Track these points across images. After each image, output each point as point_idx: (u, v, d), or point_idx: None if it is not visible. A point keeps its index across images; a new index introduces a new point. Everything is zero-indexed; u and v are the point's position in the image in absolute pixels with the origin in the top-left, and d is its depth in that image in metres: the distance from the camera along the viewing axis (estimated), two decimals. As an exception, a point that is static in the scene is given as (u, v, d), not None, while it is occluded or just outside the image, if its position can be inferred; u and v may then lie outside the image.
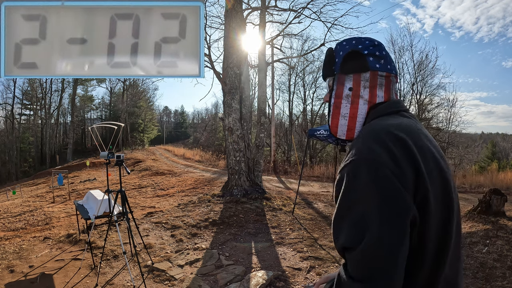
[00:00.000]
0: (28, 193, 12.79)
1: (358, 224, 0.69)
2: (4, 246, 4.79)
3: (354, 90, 0.92)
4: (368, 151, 0.73)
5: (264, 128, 8.95)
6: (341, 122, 0.94)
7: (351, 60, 0.92)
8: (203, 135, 40.67)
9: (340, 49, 0.97)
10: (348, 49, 0.94)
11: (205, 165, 18.16)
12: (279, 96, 29.96)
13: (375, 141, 0.75)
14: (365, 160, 0.72)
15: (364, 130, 0.83)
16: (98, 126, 13.17)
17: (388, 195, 0.68)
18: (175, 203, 7.46)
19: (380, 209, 0.68)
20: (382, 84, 0.91)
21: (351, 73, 0.93)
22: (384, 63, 0.92)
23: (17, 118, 34.90)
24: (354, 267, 0.69)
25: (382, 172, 0.69)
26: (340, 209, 0.74)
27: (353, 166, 0.74)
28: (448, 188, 0.77)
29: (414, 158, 0.73)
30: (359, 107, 0.92)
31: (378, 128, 0.80)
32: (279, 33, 10.79)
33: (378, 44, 0.94)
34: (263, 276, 3.56)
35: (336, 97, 0.95)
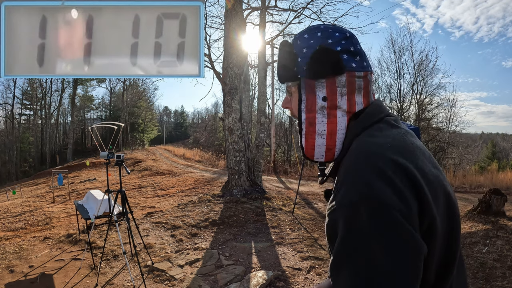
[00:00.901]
0: (28, 193, 12.79)
1: (364, 276, 0.58)
2: (4, 246, 4.79)
3: (329, 100, 0.73)
4: (369, 189, 0.59)
5: (264, 128, 8.95)
6: (318, 142, 0.75)
7: (320, 59, 0.72)
8: (203, 135, 40.68)
9: (302, 44, 0.76)
10: (315, 44, 0.74)
11: (205, 165, 18.17)
12: (279, 96, 29.93)
13: (373, 174, 0.61)
14: (367, 203, 0.58)
15: (353, 156, 0.67)
16: (98, 126, 13.18)
17: (399, 242, 0.57)
18: (175, 203, 7.46)
19: (389, 258, 0.57)
20: (361, 87, 0.74)
21: (322, 77, 0.73)
22: (360, 60, 0.75)
23: (17, 118, 34.92)
24: None
25: (390, 216, 0.57)
26: (338, 258, 0.62)
27: (352, 210, 0.60)
28: (451, 203, 0.69)
29: (418, 187, 0.61)
30: (338, 120, 0.74)
31: (371, 153, 0.65)
32: (279, 33, 10.80)
33: (350, 36, 0.76)
34: (263, 276, 3.56)
35: (307, 110, 0.75)
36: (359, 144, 0.69)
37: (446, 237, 0.66)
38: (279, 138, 27.60)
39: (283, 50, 0.79)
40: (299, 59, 0.75)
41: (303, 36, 0.77)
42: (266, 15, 9.73)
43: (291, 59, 0.77)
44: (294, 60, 0.76)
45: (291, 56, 0.77)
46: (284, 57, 0.78)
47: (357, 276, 0.58)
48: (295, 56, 0.76)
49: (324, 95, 0.74)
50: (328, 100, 0.74)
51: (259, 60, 9.44)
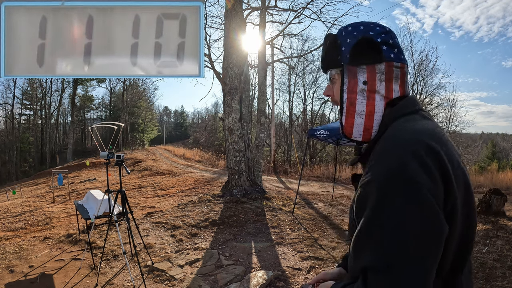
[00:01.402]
0: (28, 193, 12.79)
1: (390, 248, 0.63)
2: (4, 246, 4.79)
3: (369, 84, 0.81)
4: (403, 166, 0.64)
5: (264, 128, 8.95)
6: (357, 121, 0.82)
7: (363, 49, 0.80)
8: (203, 135, 40.66)
9: (346, 35, 0.84)
10: (358, 36, 0.82)
11: (205, 165, 18.17)
12: (279, 96, 30.00)
13: (408, 154, 0.66)
14: (401, 180, 0.64)
15: (391, 137, 0.73)
16: (98, 126, 13.18)
17: (427, 221, 0.62)
18: (175, 203, 7.46)
19: (418, 236, 0.62)
20: (398, 76, 0.81)
21: (363, 64, 0.81)
22: (398, 52, 0.82)
23: (17, 118, 34.91)
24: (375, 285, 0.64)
25: (422, 195, 0.62)
26: (367, 229, 0.67)
27: (386, 184, 0.65)
28: (469, 191, 0.73)
29: (446, 171, 0.67)
30: (376, 103, 0.81)
31: (407, 135, 0.70)
32: (279, 33, 10.80)
33: (389, 30, 0.84)
34: (263, 276, 3.56)
35: (349, 91, 0.82)
36: (397, 127, 0.75)
37: (463, 223, 0.71)
38: (279, 138, 27.60)
39: (329, 41, 0.88)
40: (343, 48, 0.84)
41: (347, 29, 0.85)
42: (266, 15, 9.73)
43: (335, 48, 0.85)
44: (338, 49, 0.85)
45: (335, 46, 0.86)
46: (328, 47, 0.88)
47: (384, 245, 0.64)
48: (339, 46, 0.85)
49: (365, 80, 0.81)
50: (368, 84, 0.81)
51: (259, 60, 9.44)
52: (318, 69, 28.04)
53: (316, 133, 6.56)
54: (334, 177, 9.65)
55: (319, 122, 27.92)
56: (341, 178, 13.07)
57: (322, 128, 6.64)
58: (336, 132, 6.50)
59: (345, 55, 0.83)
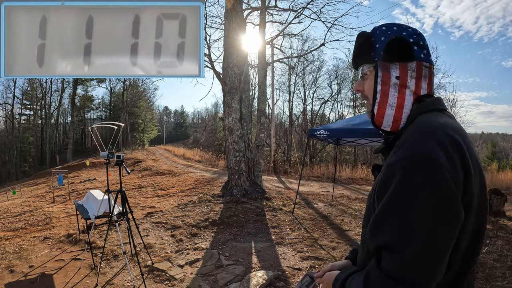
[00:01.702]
0: (28, 193, 12.79)
1: (408, 225, 0.67)
2: (4, 246, 4.79)
3: (401, 79, 0.87)
4: (428, 149, 0.70)
5: (264, 128, 8.95)
6: (388, 112, 0.88)
7: (396, 47, 0.86)
8: (203, 135, 40.67)
9: (381, 34, 0.90)
10: (392, 35, 0.88)
11: (205, 165, 18.17)
12: (279, 96, 30.01)
13: (433, 139, 0.72)
14: (424, 159, 0.69)
15: (417, 127, 0.79)
16: (98, 126, 13.18)
17: (445, 200, 0.67)
18: (175, 203, 7.46)
19: (435, 213, 0.66)
20: (426, 75, 0.88)
21: (396, 61, 0.87)
22: (427, 53, 0.89)
23: (17, 118, 34.91)
24: (395, 267, 0.68)
25: (442, 174, 0.67)
26: (388, 206, 0.71)
27: (410, 163, 0.70)
28: (483, 183, 0.78)
29: (466, 161, 0.72)
30: (406, 97, 0.87)
31: (433, 125, 0.77)
32: (279, 33, 10.79)
33: (419, 33, 0.90)
34: (263, 276, 3.56)
35: (383, 84, 0.88)
36: (423, 119, 0.81)
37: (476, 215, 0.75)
38: (279, 138, 27.60)
39: (362, 39, 0.93)
40: (377, 46, 0.90)
41: (382, 28, 0.91)
42: (266, 15, 9.73)
43: (369, 45, 0.91)
44: (372, 46, 0.91)
45: (369, 43, 0.91)
46: (362, 44, 0.93)
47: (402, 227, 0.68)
48: (373, 43, 0.91)
49: (397, 75, 0.87)
50: (400, 79, 0.87)
51: (259, 60, 9.43)
52: (318, 69, 28.09)
53: (316, 133, 6.56)
54: (334, 177, 9.65)
55: (319, 122, 27.93)
56: (341, 178, 13.07)
57: (322, 128, 6.64)
58: (336, 132, 6.51)
59: (379, 52, 0.89)
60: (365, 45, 0.92)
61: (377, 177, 0.83)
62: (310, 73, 28.32)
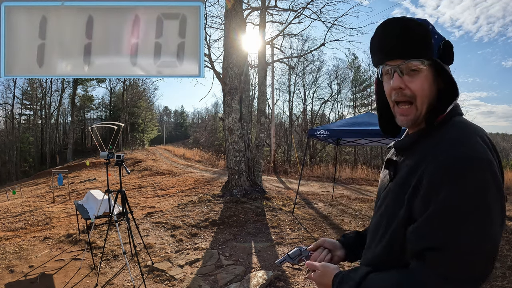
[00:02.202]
0: (28, 193, 12.79)
1: (464, 224, 0.67)
2: (4, 246, 4.79)
3: None
4: (480, 149, 0.71)
5: (264, 128, 8.95)
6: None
7: (450, 50, 0.82)
8: (203, 135, 40.67)
9: (434, 30, 0.82)
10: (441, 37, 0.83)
11: (205, 165, 18.16)
12: (279, 96, 30.02)
13: (480, 140, 0.74)
14: (479, 159, 0.69)
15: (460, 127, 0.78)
16: (98, 126, 13.19)
17: (498, 199, 0.69)
18: (175, 203, 7.46)
19: (491, 212, 0.68)
20: None
21: (448, 63, 0.82)
22: None
23: (17, 118, 34.90)
24: (452, 267, 0.68)
25: (496, 173, 0.69)
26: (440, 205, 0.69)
27: (464, 162, 0.69)
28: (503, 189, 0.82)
29: (500, 164, 0.75)
30: None
31: (473, 126, 0.79)
32: (279, 33, 10.80)
33: None
34: (263, 276, 3.56)
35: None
36: (462, 121, 0.81)
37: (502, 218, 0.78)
38: (279, 138, 27.61)
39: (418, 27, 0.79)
40: (433, 41, 0.80)
41: (429, 26, 0.81)
42: (266, 15, 9.73)
43: (426, 37, 0.79)
44: (429, 39, 0.79)
45: (426, 35, 0.79)
46: (417, 33, 0.78)
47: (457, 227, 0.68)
48: (430, 38, 0.79)
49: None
50: None
51: (259, 60, 9.44)
52: (318, 69, 28.09)
53: (316, 133, 6.56)
54: (334, 177, 9.65)
55: (319, 122, 27.94)
56: (341, 178, 13.07)
57: (322, 128, 6.64)
58: (336, 132, 6.50)
59: (435, 50, 0.80)
60: (422, 34, 0.78)
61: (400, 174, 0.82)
62: (310, 73, 28.35)
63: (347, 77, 28.51)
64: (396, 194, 0.81)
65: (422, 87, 0.80)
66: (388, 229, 0.82)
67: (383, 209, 0.86)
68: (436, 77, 0.81)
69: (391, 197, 0.83)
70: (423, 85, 0.80)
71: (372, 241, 0.90)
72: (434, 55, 0.79)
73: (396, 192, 0.82)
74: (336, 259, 1.08)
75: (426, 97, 0.81)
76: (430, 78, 0.80)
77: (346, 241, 1.10)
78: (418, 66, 0.79)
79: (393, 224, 0.80)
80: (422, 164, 0.75)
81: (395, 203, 0.81)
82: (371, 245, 0.90)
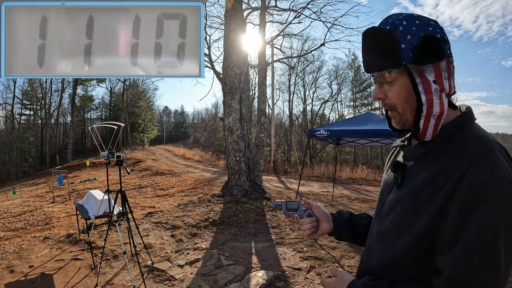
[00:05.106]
0: (28, 193, 12.79)
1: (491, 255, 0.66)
2: (4, 246, 4.79)
3: (438, 83, 0.77)
4: (508, 172, 0.67)
5: (264, 128, 8.95)
6: (431, 123, 0.78)
7: (428, 45, 0.75)
8: (203, 135, 40.69)
9: (405, 31, 0.76)
10: (418, 32, 0.76)
11: (205, 165, 18.16)
12: (279, 96, 30.06)
13: (504, 160, 0.70)
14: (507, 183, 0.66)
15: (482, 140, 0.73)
16: (98, 126, 13.19)
17: None
18: (175, 203, 7.46)
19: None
20: (453, 72, 0.80)
21: (429, 63, 0.76)
22: (449, 47, 0.79)
23: (17, 118, 34.90)
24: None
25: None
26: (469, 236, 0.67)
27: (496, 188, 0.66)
28: None
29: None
30: (444, 101, 0.78)
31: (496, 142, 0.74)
32: (279, 33, 10.79)
33: (440, 25, 0.79)
34: (263, 276, 3.56)
35: (426, 92, 0.77)
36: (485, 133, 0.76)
37: None
38: (279, 138, 27.61)
39: (380, 36, 0.78)
40: (402, 46, 0.76)
41: (403, 23, 0.77)
42: (266, 15, 9.73)
43: (393, 46, 0.76)
44: (396, 47, 0.76)
45: (392, 43, 0.76)
46: (382, 45, 0.78)
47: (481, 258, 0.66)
48: (397, 43, 0.76)
49: (434, 79, 0.77)
50: (438, 83, 0.77)
51: (259, 60, 9.44)
52: (318, 69, 28.11)
53: (316, 133, 6.57)
54: (334, 177, 9.65)
55: (319, 122, 27.95)
56: (341, 178, 13.08)
57: (322, 128, 6.64)
58: (336, 132, 6.51)
59: (408, 54, 0.75)
60: (387, 45, 0.77)
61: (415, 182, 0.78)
62: (310, 73, 28.37)
63: (347, 77, 28.55)
64: (411, 205, 0.77)
65: (398, 95, 0.79)
66: (400, 239, 0.78)
67: (395, 217, 0.82)
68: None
69: (404, 206, 0.80)
70: (400, 92, 0.79)
71: (378, 248, 0.86)
72: (406, 60, 0.76)
73: (410, 203, 0.78)
74: (319, 232, 1.09)
75: (406, 103, 0.79)
76: (408, 83, 0.78)
77: (337, 219, 1.09)
78: (388, 77, 0.79)
79: (407, 235, 0.77)
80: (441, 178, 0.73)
81: (409, 214, 0.77)
82: (376, 252, 0.86)
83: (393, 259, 0.80)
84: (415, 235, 0.75)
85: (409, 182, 0.81)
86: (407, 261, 0.77)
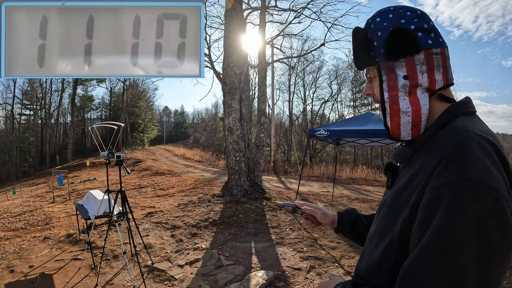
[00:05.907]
0: (28, 193, 12.79)
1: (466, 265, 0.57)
2: (4, 246, 4.79)
3: (410, 78, 0.74)
4: (484, 170, 0.59)
5: (264, 128, 8.95)
6: (403, 120, 0.74)
7: (397, 41, 0.73)
8: (203, 135, 40.69)
9: (376, 28, 0.77)
10: (389, 26, 0.75)
11: (205, 165, 18.17)
12: (279, 96, 30.08)
13: (484, 156, 0.61)
14: (483, 184, 0.58)
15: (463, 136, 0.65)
16: (98, 126, 13.19)
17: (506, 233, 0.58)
18: (175, 203, 7.46)
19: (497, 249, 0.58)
20: (439, 64, 0.74)
21: (401, 57, 0.74)
22: (435, 36, 0.74)
23: (17, 118, 34.91)
24: None
25: (501, 202, 0.58)
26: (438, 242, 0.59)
27: (465, 188, 0.58)
28: None
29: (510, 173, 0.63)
30: (419, 97, 0.74)
31: (477, 135, 0.64)
32: (279, 33, 10.79)
33: (421, 13, 0.76)
34: (263, 276, 3.56)
35: (390, 89, 0.75)
36: (465, 125, 0.68)
37: None
38: (279, 138, 27.62)
39: (358, 37, 0.81)
40: (375, 43, 0.77)
41: (375, 20, 0.78)
42: (266, 15, 9.73)
43: (367, 44, 0.78)
44: (370, 45, 0.78)
45: (366, 42, 0.78)
46: (359, 44, 0.80)
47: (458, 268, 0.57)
48: (370, 41, 0.78)
49: (405, 74, 0.74)
50: (410, 78, 0.74)
51: (259, 60, 9.44)
52: (318, 69, 28.13)
53: (316, 133, 6.57)
54: (334, 177, 9.65)
55: (319, 122, 27.96)
56: (341, 178, 13.08)
57: (322, 128, 6.64)
58: (336, 132, 6.51)
59: (379, 51, 0.76)
60: (362, 44, 0.79)
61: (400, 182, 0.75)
62: (310, 73, 28.38)
63: (347, 77, 28.56)
64: (390, 208, 0.75)
65: (378, 91, 0.80)
66: (381, 243, 0.76)
67: (379, 221, 0.80)
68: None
69: (385, 209, 0.78)
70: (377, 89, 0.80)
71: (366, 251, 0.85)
72: (379, 56, 0.76)
73: (390, 206, 0.76)
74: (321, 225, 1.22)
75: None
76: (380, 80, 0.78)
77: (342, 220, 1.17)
78: (369, 73, 0.81)
79: (386, 239, 0.73)
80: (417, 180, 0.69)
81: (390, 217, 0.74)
82: (366, 255, 0.85)
83: (375, 263, 0.77)
84: (392, 239, 0.72)
85: (395, 185, 0.79)
86: (386, 266, 0.74)
